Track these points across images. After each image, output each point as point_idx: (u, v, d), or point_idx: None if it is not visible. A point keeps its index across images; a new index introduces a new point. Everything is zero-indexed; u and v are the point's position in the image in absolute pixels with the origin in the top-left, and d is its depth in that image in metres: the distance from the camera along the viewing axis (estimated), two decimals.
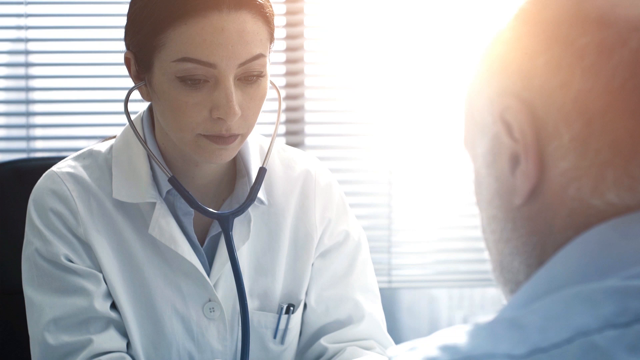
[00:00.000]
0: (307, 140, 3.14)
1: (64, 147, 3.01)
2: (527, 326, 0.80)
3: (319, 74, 3.10)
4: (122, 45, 1.60)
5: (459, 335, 0.81)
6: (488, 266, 3.28)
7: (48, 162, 2.11)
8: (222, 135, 1.54)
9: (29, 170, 2.14)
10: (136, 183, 1.64)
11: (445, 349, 0.79)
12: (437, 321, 4.33)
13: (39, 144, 2.98)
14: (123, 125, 2.87)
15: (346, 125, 3.14)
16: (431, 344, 0.81)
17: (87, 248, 1.64)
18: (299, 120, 3.11)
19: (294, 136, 3.12)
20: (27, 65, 2.95)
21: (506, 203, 0.91)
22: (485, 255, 2.99)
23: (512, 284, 0.93)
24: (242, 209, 1.62)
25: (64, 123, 2.99)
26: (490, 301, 7.52)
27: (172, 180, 1.60)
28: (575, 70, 0.84)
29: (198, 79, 1.50)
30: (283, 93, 3.03)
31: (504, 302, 0.98)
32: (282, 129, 3.09)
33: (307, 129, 3.13)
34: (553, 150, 0.86)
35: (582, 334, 0.76)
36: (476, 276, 3.42)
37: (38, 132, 2.98)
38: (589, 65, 0.83)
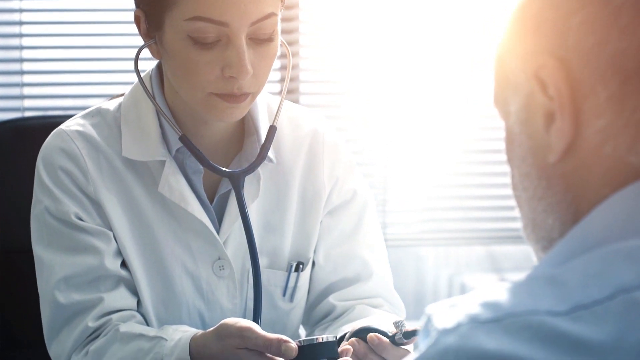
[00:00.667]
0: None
1: (58, 105, 2.99)
2: (567, 283, 0.81)
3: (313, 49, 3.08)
4: (115, 3, 1.58)
5: (498, 293, 0.82)
6: (474, 225, 3.34)
7: (47, 121, 2.12)
8: (234, 93, 1.54)
9: (27, 129, 2.14)
10: (145, 141, 1.64)
11: (487, 305, 0.80)
12: (422, 280, 4.35)
13: (32, 103, 2.96)
14: (117, 83, 2.90)
15: (341, 94, 3.12)
16: (472, 301, 0.81)
17: (97, 206, 1.64)
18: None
19: None
20: (21, 23, 2.93)
21: (540, 160, 0.91)
22: (470, 214, 3.01)
23: (545, 241, 0.93)
24: (253, 167, 1.62)
25: (58, 82, 2.98)
26: (476, 260, 7.56)
27: (183, 139, 1.60)
28: (611, 30, 0.84)
29: (210, 37, 1.50)
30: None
31: (534, 259, 0.99)
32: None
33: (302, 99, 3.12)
34: (589, 108, 0.86)
35: (624, 291, 0.77)
36: (462, 235, 3.44)
37: (32, 90, 2.96)
38: (625, 24, 0.84)
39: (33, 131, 2.12)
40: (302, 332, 1.84)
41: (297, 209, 1.74)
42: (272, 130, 1.64)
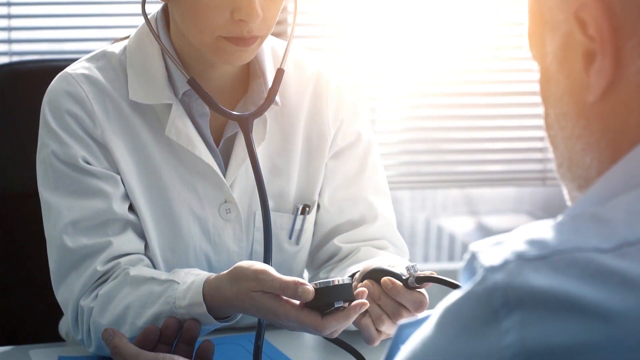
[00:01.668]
0: None
1: (46, 50, 2.97)
2: (612, 221, 0.82)
3: None
4: None
5: (543, 230, 0.82)
6: (450, 168, 3.35)
7: (42, 65, 2.10)
8: (243, 37, 1.53)
9: (21, 73, 2.12)
10: (152, 84, 1.63)
11: (533, 243, 0.80)
12: (399, 223, 4.35)
13: (20, 47, 2.93)
14: (107, 27, 2.88)
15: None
16: (517, 238, 0.82)
17: (104, 150, 1.63)
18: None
19: None
20: None
21: (578, 100, 0.91)
22: (446, 157, 3.01)
23: (581, 180, 0.93)
24: (261, 110, 1.62)
25: (46, 26, 2.95)
26: (452, 203, 7.57)
27: (192, 82, 1.60)
28: None
29: None
30: None
31: (567, 198, 1.00)
32: None
33: None
34: (630, 48, 0.86)
35: None
36: (438, 178, 3.46)
37: (19, 34, 2.93)
38: None
39: (27, 75, 2.10)
40: (306, 275, 1.85)
41: (302, 152, 1.74)
42: (279, 73, 1.64)
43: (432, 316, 0.86)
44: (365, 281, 1.48)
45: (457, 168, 3.47)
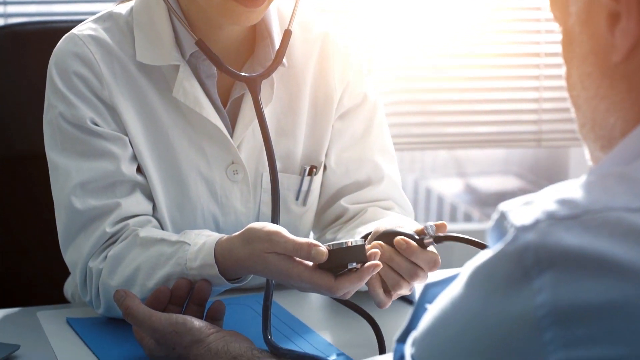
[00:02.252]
0: None
1: (40, 11, 2.95)
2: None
3: None
4: None
5: (572, 190, 0.83)
6: (438, 129, 3.35)
7: (43, 27, 2.09)
8: None
9: (21, 34, 2.10)
10: (159, 45, 1.63)
11: (563, 202, 0.81)
12: None
13: (15, 9, 2.91)
14: None
15: None
16: (547, 198, 0.82)
17: (112, 111, 1.63)
18: None
19: None
20: None
21: (602, 60, 0.92)
22: (435, 119, 3.01)
23: (605, 140, 0.94)
24: (269, 71, 1.62)
25: None
26: (441, 164, 7.57)
27: (200, 43, 1.59)
28: None
29: None
30: None
31: (588, 158, 1.00)
32: None
33: None
34: None
35: None
36: (427, 139, 3.46)
37: None
38: None
39: (27, 36, 2.09)
40: (311, 236, 1.85)
41: (309, 113, 1.74)
42: (287, 34, 1.64)
43: (460, 276, 0.87)
44: (374, 242, 1.48)
45: (446, 129, 3.47)
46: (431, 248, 1.48)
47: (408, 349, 0.90)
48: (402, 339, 0.95)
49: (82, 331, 1.58)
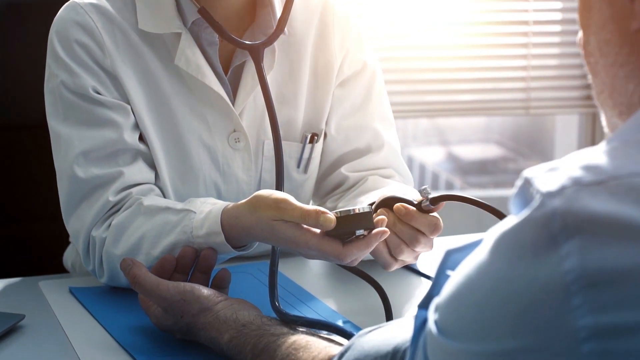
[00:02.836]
0: None
1: None
2: None
3: None
4: None
5: (596, 156, 0.83)
6: (420, 97, 3.35)
7: None
8: None
9: (18, 4, 2.09)
10: (161, 13, 1.62)
11: (588, 168, 0.82)
12: None
13: None
14: None
15: None
16: (572, 164, 0.83)
17: (114, 80, 1.62)
18: None
19: None
20: None
21: (622, 27, 0.92)
22: (416, 86, 3.01)
23: (623, 107, 0.94)
24: (272, 39, 1.62)
25: None
26: (423, 132, 7.57)
27: (202, 11, 1.59)
28: None
29: None
30: None
31: (605, 125, 1.01)
32: None
33: None
34: None
35: None
36: (408, 107, 3.48)
37: None
38: None
39: (27, 5, 2.08)
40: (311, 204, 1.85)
41: (309, 81, 1.74)
42: (289, 2, 1.63)
43: (484, 242, 0.87)
44: (379, 210, 1.49)
45: (427, 97, 3.48)
46: (434, 214, 1.49)
47: (431, 315, 0.91)
48: (424, 305, 0.95)
49: (85, 300, 1.58)
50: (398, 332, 1.07)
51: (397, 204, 1.48)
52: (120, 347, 1.41)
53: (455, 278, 0.89)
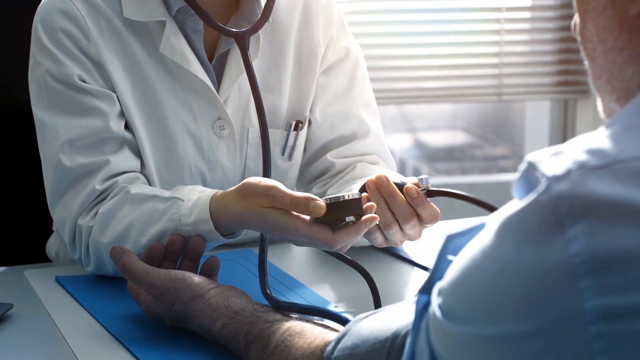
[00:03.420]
0: None
1: None
2: None
3: None
4: None
5: (600, 140, 0.84)
6: (387, 85, 3.35)
7: None
8: None
9: None
10: (145, 1, 1.62)
11: (593, 152, 0.82)
12: None
13: None
14: None
15: None
16: (576, 148, 0.84)
17: (100, 68, 1.62)
18: None
19: None
20: None
21: (621, 13, 0.93)
22: (384, 74, 3.01)
23: (621, 92, 0.95)
24: (257, 26, 1.62)
25: None
26: (390, 119, 7.59)
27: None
28: None
29: None
30: None
31: (600, 110, 1.02)
32: None
33: None
34: None
35: None
36: (376, 95, 3.48)
37: None
38: None
39: None
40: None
41: (294, 68, 1.74)
42: None
43: (488, 226, 0.88)
44: (364, 194, 1.49)
45: (394, 85, 3.49)
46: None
47: (435, 300, 0.91)
48: (425, 290, 0.96)
49: (72, 289, 1.57)
50: (396, 317, 1.08)
51: (410, 185, 1.48)
52: (110, 334, 1.41)
53: (459, 262, 0.89)
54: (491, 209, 1.44)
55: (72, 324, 1.45)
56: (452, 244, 0.96)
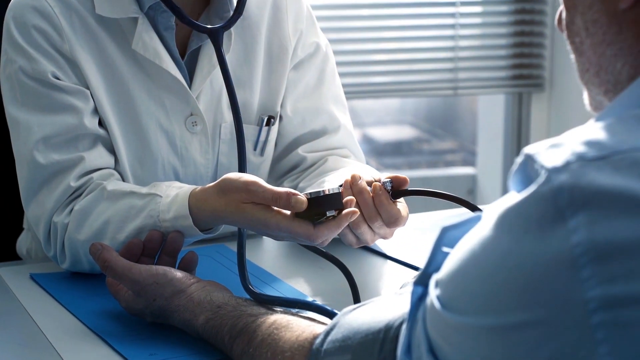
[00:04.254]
0: None
1: None
2: None
3: None
4: None
5: (597, 132, 0.86)
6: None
7: None
8: None
9: None
10: None
11: (591, 144, 0.84)
12: None
13: None
14: None
15: None
16: (574, 140, 0.85)
17: (73, 65, 1.61)
18: None
19: None
20: None
21: (610, 7, 0.95)
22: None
23: (609, 85, 0.97)
24: (231, 22, 1.62)
25: None
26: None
27: None
28: None
29: None
30: None
31: (587, 103, 1.03)
32: None
33: None
34: None
35: None
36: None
37: None
38: None
39: None
40: None
41: (264, 64, 1.75)
42: None
43: (485, 218, 0.89)
44: (346, 180, 1.51)
45: (342, 80, 3.51)
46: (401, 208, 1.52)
47: (432, 291, 0.93)
48: (420, 282, 0.97)
49: (49, 286, 1.57)
50: (387, 309, 1.09)
51: (376, 183, 1.50)
52: (90, 331, 1.41)
53: (457, 254, 0.91)
54: (459, 201, 1.46)
55: (51, 322, 1.44)
56: (447, 236, 0.98)
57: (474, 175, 4.18)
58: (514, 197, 0.86)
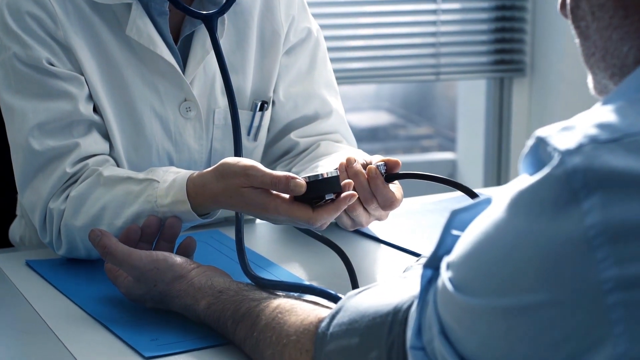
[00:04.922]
0: None
1: None
2: None
3: None
4: None
5: (608, 115, 0.87)
6: (343, 65, 3.34)
7: None
8: None
9: None
10: None
11: (602, 126, 0.85)
12: None
13: None
14: None
15: None
16: (585, 122, 0.86)
17: (68, 51, 1.61)
18: None
19: None
20: None
21: None
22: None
23: (616, 69, 0.98)
24: (225, 8, 1.62)
25: None
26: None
27: None
28: None
29: None
30: None
31: (591, 86, 1.04)
32: None
33: None
34: None
35: None
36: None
37: None
38: None
39: None
40: None
41: (257, 49, 1.76)
42: None
43: (497, 200, 0.90)
44: (341, 162, 1.52)
45: (344, 65, 3.51)
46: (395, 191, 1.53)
47: (444, 273, 0.93)
48: (430, 265, 0.98)
49: (45, 273, 1.57)
50: (394, 292, 1.09)
51: (371, 166, 1.51)
52: (90, 317, 1.41)
53: (469, 236, 0.92)
54: (452, 184, 1.48)
55: (51, 308, 1.44)
56: (457, 219, 0.99)
57: (454, 161, 4.20)
58: (526, 179, 0.86)
